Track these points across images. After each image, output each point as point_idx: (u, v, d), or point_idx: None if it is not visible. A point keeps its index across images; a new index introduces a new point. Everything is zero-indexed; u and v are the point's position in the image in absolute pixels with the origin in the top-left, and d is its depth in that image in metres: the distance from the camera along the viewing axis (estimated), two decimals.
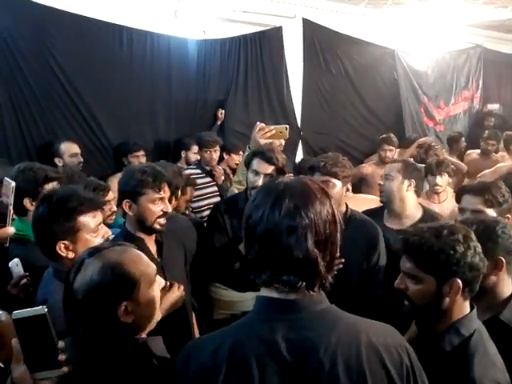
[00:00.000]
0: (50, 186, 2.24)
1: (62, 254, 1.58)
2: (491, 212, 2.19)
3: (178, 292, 1.94)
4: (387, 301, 2.15)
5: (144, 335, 1.28)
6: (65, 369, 1.04)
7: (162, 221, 2.07)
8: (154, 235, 2.14)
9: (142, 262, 1.28)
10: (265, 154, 2.38)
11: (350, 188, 2.40)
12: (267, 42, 5.04)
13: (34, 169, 2.25)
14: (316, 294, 1.03)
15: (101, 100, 4.02)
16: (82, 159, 3.59)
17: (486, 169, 4.36)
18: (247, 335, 1.00)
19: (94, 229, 1.64)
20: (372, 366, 0.97)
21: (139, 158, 3.91)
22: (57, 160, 3.49)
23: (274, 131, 2.56)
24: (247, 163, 2.45)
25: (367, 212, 2.68)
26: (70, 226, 1.59)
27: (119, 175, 3.72)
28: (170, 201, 2.65)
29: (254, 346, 0.98)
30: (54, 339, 1.04)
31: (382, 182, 2.64)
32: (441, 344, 1.36)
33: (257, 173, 2.37)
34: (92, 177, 3.10)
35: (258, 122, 2.62)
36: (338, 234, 1.05)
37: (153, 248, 2.12)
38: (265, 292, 1.05)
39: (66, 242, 1.59)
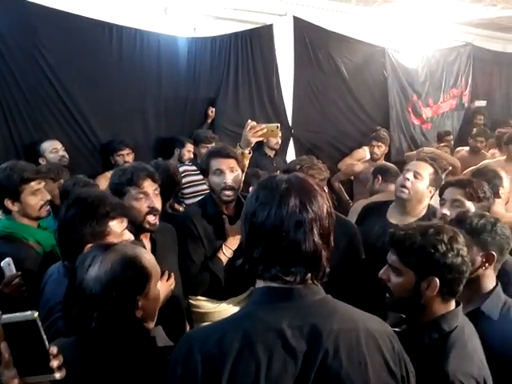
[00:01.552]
0: (29, 187, 2.23)
1: None
2: (470, 204, 2.22)
3: (168, 282, 1.95)
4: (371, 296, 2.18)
5: None
6: (57, 375, 1.02)
7: (152, 220, 2.05)
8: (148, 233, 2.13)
9: (151, 257, 1.32)
10: (221, 151, 2.32)
11: (326, 190, 2.38)
12: (258, 40, 5.03)
13: (15, 168, 2.23)
14: (314, 285, 1.07)
15: (90, 98, 3.99)
16: (64, 154, 3.59)
17: (475, 165, 4.40)
18: (253, 324, 1.02)
19: (120, 234, 1.65)
20: (370, 351, 1.03)
21: (124, 157, 3.90)
22: (40, 160, 3.51)
23: (265, 130, 2.52)
24: (204, 169, 2.37)
25: (373, 204, 2.64)
26: (100, 230, 1.60)
27: (108, 174, 3.76)
28: (166, 198, 2.61)
29: (260, 334, 0.99)
30: (45, 344, 1.02)
31: (408, 177, 2.46)
32: (421, 336, 1.39)
33: (221, 171, 2.30)
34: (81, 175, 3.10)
35: (250, 120, 2.57)
36: (332, 227, 1.10)
37: (148, 245, 2.12)
38: (263, 283, 1.07)
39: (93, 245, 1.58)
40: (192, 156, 4.17)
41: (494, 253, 1.64)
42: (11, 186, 2.18)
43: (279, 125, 2.63)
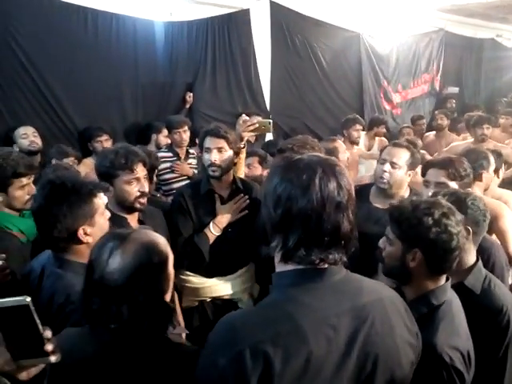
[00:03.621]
0: (19, 181, 2.18)
1: (83, 239, 1.57)
2: (453, 185, 2.28)
3: None
4: None
5: None
6: (52, 358, 1.01)
7: (142, 200, 2.09)
8: (136, 215, 2.16)
9: (163, 238, 1.31)
10: (213, 130, 2.39)
11: None
12: (235, 25, 5.00)
13: (8, 160, 2.17)
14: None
15: (66, 84, 3.93)
16: (34, 139, 3.52)
17: (440, 144, 4.70)
18: (295, 306, 1.01)
19: (103, 210, 1.65)
20: (394, 315, 1.10)
21: (103, 143, 3.87)
22: (15, 146, 3.46)
23: (257, 125, 2.58)
24: (201, 146, 2.45)
25: (355, 187, 2.65)
26: (89, 210, 1.59)
27: (87, 161, 3.75)
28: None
29: (305, 316, 0.99)
30: (39, 328, 1.02)
31: (386, 169, 2.43)
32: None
33: (209, 149, 2.38)
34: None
35: (244, 115, 2.63)
36: None
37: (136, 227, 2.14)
38: (291, 266, 1.05)
39: (85, 226, 1.58)
40: (169, 141, 4.15)
41: (468, 227, 1.67)
42: (1, 177, 2.12)
43: (271, 121, 2.71)
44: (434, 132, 5.68)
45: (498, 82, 9.20)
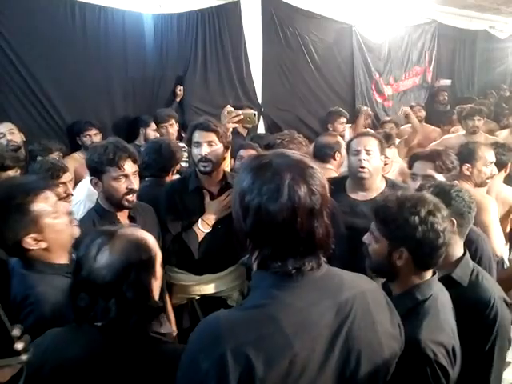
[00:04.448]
0: (5, 175, 2.14)
1: (32, 247, 1.49)
2: (440, 177, 2.28)
3: None
4: None
5: None
6: (23, 357, 1.00)
7: (130, 197, 2.05)
8: (127, 211, 2.13)
9: (152, 237, 1.30)
10: (202, 124, 2.32)
11: None
12: (225, 17, 4.95)
13: None
14: None
15: (54, 78, 3.89)
16: (12, 138, 3.42)
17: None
18: (277, 307, 0.98)
19: (52, 210, 1.54)
20: (376, 308, 1.09)
21: (92, 137, 3.85)
22: None
23: (241, 116, 2.55)
24: (189, 141, 2.39)
25: (330, 181, 2.65)
26: (28, 220, 1.48)
27: (75, 156, 3.71)
28: (167, 174, 2.67)
29: (287, 317, 0.97)
30: (7, 327, 1.00)
31: (363, 158, 2.42)
32: (396, 307, 1.43)
33: (198, 143, 2.31)
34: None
35: (229, 106, 2.60)
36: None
37: (126, 223, 2.10)
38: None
39: (32, 235, 1.49)
40: (158, 135, 4.11)
41: (452, 219, 1.65)
42: None
43: (256, 113, 2.67)
44: (410, 124, 5.67)
45: (491, 74, 9.19)
